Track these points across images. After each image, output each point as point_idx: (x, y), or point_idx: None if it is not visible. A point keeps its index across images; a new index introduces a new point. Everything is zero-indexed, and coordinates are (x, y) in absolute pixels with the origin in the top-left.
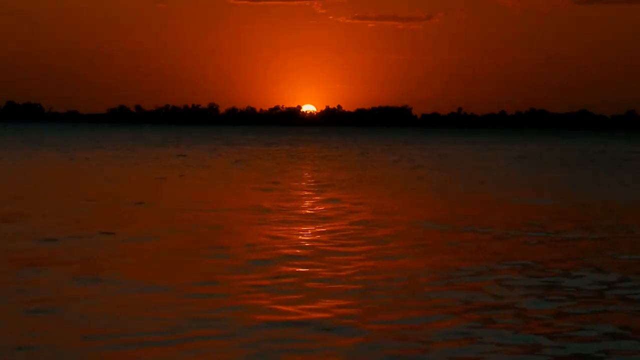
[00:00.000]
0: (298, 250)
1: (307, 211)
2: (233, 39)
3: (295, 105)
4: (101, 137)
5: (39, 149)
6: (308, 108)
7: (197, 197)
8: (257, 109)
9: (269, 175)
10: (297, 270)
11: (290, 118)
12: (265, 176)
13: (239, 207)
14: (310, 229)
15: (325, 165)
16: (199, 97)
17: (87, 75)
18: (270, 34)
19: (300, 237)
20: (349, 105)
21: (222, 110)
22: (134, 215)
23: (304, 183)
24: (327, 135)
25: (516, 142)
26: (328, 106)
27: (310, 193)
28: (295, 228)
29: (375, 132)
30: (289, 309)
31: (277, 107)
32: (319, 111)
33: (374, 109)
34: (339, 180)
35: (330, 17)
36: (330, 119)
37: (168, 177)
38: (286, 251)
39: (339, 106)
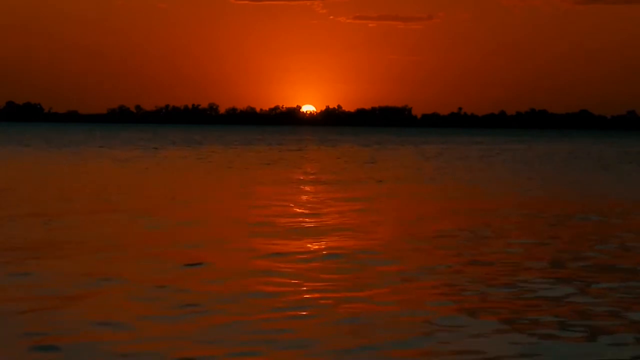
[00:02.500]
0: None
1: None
2: (233, 39)
3: (295, 105)
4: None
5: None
6: (308, 108)
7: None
8: (257, 109)
9: None
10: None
11: (291, 118)
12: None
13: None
14: None
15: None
16: (199, 97)
17: (87, 75)
18: (270, 34)
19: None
20: (349, 105)
21: (222, 110)
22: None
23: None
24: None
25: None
26: (328, 106)
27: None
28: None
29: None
30: None
31: (277, 107)
32: (319, 111)
33: (374, 109)
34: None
35: (331, 17)
36: (330, 119)
37: None
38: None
39: (339, 106)
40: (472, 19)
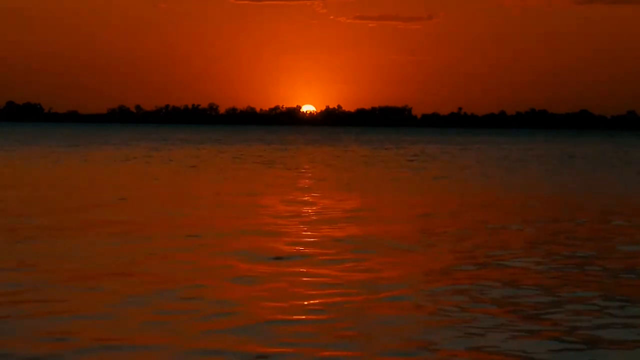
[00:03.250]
0: None
1: None
2: (233, 39)
3: (295, 105)
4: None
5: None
6: (308, 108)
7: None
8: (257, 109)
9: None
10: None
11: (291, 118)
12: None
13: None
14: None
15: None
16: (199, 97)
17: (87, 75)
18: (270, 34)
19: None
20: (349, 105)
21: (222, 110)
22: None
23: None
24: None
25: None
26: (328, 106)
27: None
28: None
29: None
30: None
31: (277, 107)
32: (319, 111)
33: (374, 109)
34: None
35: (331, 17)
36: (330, 119)
37: None
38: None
39: (339, 106)
40: (472, 19)
